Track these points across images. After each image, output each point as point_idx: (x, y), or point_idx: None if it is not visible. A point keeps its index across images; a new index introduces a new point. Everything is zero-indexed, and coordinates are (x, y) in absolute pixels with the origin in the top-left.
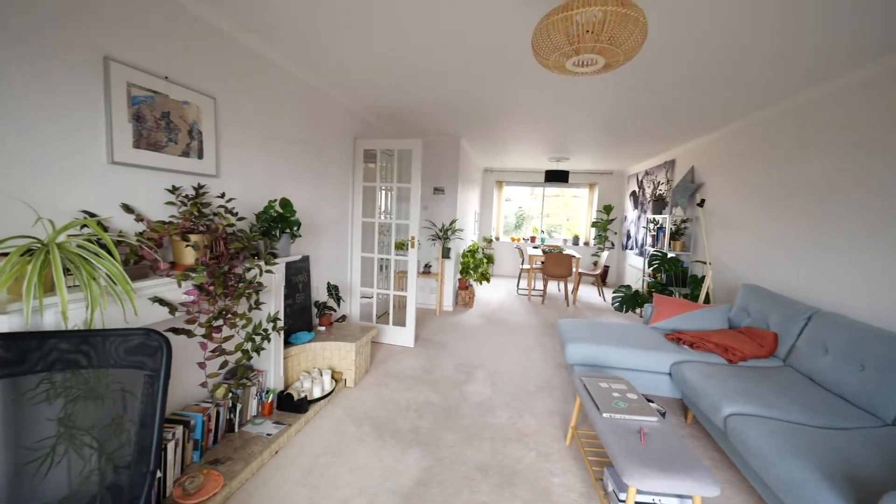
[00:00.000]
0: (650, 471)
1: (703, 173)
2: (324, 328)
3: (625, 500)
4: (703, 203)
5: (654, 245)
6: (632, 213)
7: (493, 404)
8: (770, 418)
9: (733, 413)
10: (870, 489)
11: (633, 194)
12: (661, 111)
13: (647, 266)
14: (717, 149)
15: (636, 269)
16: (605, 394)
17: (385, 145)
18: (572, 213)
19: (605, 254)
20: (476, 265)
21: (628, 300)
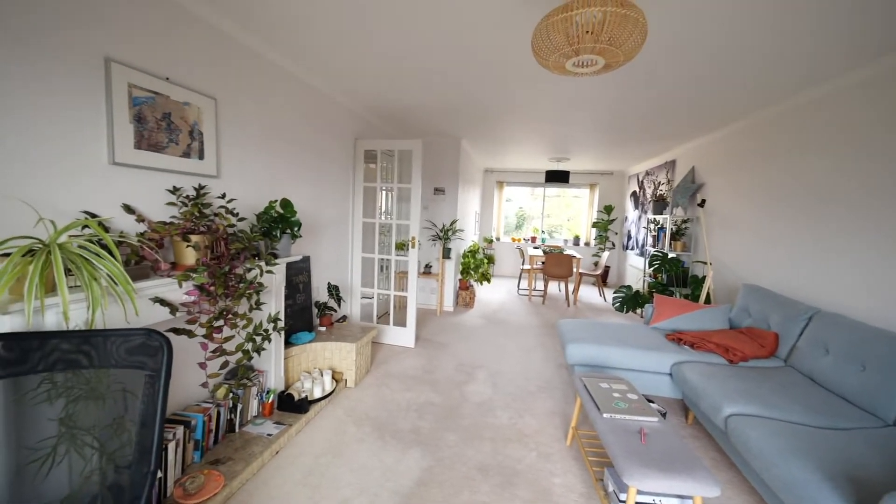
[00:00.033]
0: (651, 471)
1: (704, 173)
2: (324, 328)
3: (625, 500)
4: (703, 203)
5: (654, 245)
6: (632, 214)
7: (494, 405)
8: (771, 419)
9: (734, 413)
10: (871, 489)
11: (634, 194)
12: (662, 111)
13: (648, 266)
14: (717, 149)
15: (637, 270)
16: (606, 394)
17: (385, 146)
18: (573, 214)
19: (606, 254)
20: (476, 265)
21: (629, 300)
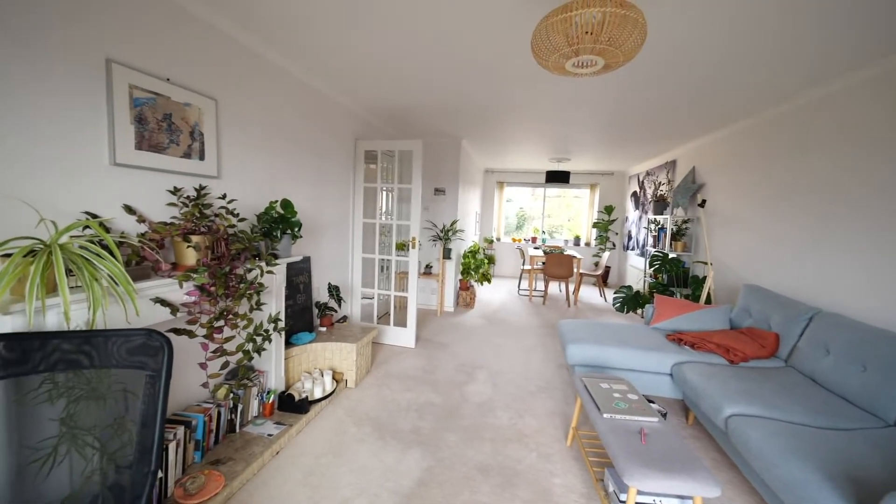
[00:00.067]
0: (651, 471)
1: (705, 174)
2: (325, 329)
3: (626, 500)
4: (704, 203)
5: (655, 245)
6: (633, 214)
7: (494, 405)
8: (771, 419)
9: (734, 414)
10: (871, 490)
11: (635, 195)
12: (662, 111)
13: (649, 266)
14: (718, 149)
15: (637, 270)
16: (606, 394)
17: (386, 146)
18: (573, 214)
19: (607, 254)
20: (477, 266)
21: (629, 301)
